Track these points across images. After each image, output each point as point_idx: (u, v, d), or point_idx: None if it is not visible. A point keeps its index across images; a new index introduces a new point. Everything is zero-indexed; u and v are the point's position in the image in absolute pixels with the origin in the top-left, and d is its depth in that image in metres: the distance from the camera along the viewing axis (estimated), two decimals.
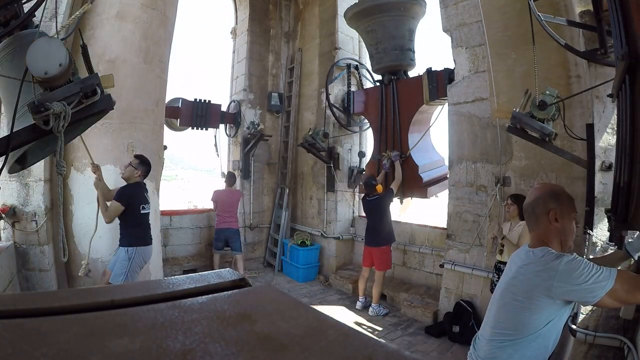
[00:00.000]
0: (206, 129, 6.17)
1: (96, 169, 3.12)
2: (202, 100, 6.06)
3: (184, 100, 5.89)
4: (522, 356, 1.26)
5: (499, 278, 2.83)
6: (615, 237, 1.48)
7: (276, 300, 0.51)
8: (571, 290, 1.19)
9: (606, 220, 2.22)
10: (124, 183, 3.26)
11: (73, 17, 1.81)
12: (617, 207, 1.32)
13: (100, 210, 3.10)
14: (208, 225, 6.22)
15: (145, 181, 3.45)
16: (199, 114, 5.97)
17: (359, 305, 4.58)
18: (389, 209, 4.56)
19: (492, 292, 1.98)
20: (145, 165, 3.28)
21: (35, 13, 1.75)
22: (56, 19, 2.39)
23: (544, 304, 1.23)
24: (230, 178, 5.51)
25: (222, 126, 6.73)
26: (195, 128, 6.05)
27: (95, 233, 3.05)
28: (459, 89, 4.03)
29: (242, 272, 5.21)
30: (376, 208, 4.49)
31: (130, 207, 3.16)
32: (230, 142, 6.98)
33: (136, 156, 3.31)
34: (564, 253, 1.27)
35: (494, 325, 1.36)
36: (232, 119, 6.56)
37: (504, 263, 2.95)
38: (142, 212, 3.24)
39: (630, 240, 1.59)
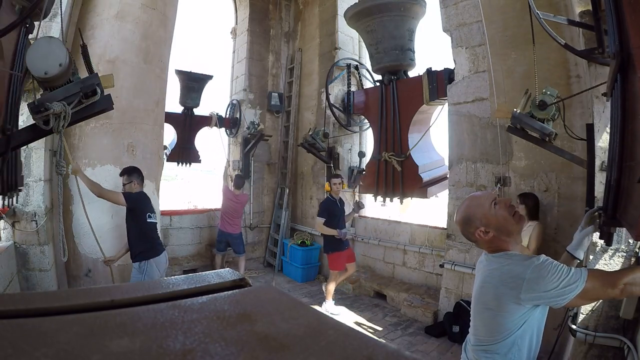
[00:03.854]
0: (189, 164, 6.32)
1: (77, 170, 2.99)
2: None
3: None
4: (505, 358, 1.28)
5: None
6: (604, 233, 1.48)
7: (276, 300, 0.51)
8: (540, 296, 1.19)
9: None
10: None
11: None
12: (607, 204, 1.32)
13: (87, 186, 2.99)
14: (208, 225, 6.22)
15: (145, 181, 3.45)
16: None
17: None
18: (318, 217, 4.51)
19: None
20: (133, 173, 3.23)
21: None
22: (62, 17, 2.39)
23: (514, 309, 1.24)
24: (238, 180, 5.41)
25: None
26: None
27: (94, 233, 3.03)
28: (459, 89, 4.03)
29: (242, 272, 5.20)
30: None
31: (136, 212, 3.12)
32: (230, 142, 6.98)
33: (121, 173, 3.26)
34: (529, 256, 1.27)
35: (474, 332, 1.39)
36: (230, 124, 6.65)
37: None
38: (148, 220, 3.17)
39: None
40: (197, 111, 6.37)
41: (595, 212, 1.53)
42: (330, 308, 4.42)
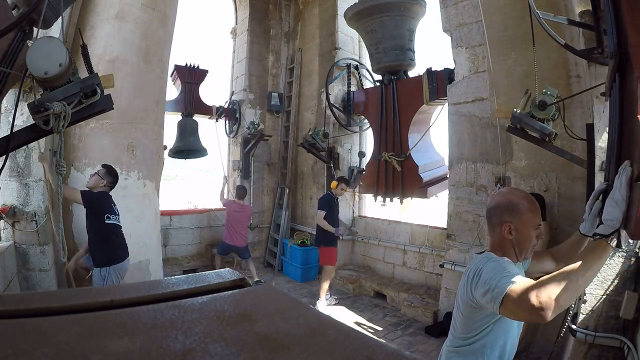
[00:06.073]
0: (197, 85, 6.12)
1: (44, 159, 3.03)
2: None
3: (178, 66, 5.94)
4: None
5: None
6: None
7: (276, 300, 0.51)
8: (482, 295, 1.13)
9: None
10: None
11: None
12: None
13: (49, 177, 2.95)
14: (208, 225, 6.23)
15: (145, 181, 3.43)
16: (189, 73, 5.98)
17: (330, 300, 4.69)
18: (318, 210, 4.58)
19: None
20: (111, 176, 3.13)
21: None
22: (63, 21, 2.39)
23: (472, 311, 1.22)
24: (240, 191, 5.37)
25: (222, 126, 6.73)
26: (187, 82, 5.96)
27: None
28: (459, 89, 4.03)
29: (254, 274, 5.20)
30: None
31: (92, 212, 2.99)
32: (230, 142, 6.98)
33: (103, 165, 3.17)
34: (496, 257, 1.23)
35: (451, 332, 1.39)
36: (231, 114, 6.58)
37: None
38: (107, 221, 3.01)
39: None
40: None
41: (599, 194, 1.35)
42: (321, 308, 4.42)
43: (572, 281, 1.02)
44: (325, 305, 4.53)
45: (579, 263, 1.06)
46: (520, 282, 1.07)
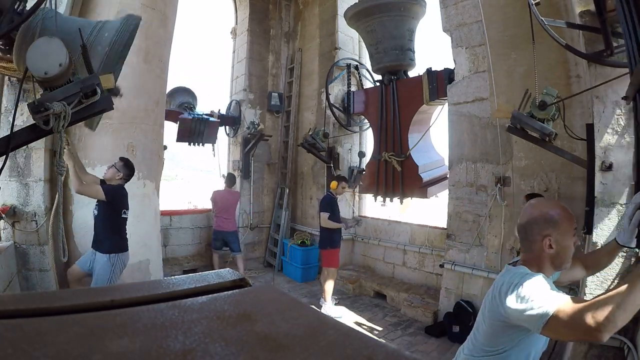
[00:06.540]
0: (202, 145, 6.03)
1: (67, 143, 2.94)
2: (200, 117, 5.84)
3: (182, 119, 5.70)
4: None
5: None
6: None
7: (276, 300, 0.51)
8: (520, 313, 1.09)
9: (606, 220, 2.23)
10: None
11: None
12: None
13: (71, 176, 2.94)
14: (208, 225, 6.23)
15: (145, 181, 3.42)
16: (195, 131, 5.80)
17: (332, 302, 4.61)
18: (321, 212, 4.48)
19: None
20: (128, 169, 3.20)
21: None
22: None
23: (501, 326, 1.18)
24: (229, 179, 5.55)
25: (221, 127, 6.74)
26: (191, 144, 5.93)
27: None
28: (459, 89, 4.03)
29: (242, 272, 5.20)
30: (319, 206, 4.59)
31: (113, 206, 3.07)
32: (230, 142, 6.98)
33: (121, 158, 3.24)
34: (532, 273, 1.18)
35: (472, 341, 1.33)
36: (231, 122, 6.58)
37: None
38: (123, 216, 3.15)
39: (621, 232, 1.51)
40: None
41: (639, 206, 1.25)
42: (330, 310, 4.40)
43: (630, 301, 0.97)
44: (333, 307, 4.49)
45: (635, 281, 1.00)
46: (568, 302, 1.03)
